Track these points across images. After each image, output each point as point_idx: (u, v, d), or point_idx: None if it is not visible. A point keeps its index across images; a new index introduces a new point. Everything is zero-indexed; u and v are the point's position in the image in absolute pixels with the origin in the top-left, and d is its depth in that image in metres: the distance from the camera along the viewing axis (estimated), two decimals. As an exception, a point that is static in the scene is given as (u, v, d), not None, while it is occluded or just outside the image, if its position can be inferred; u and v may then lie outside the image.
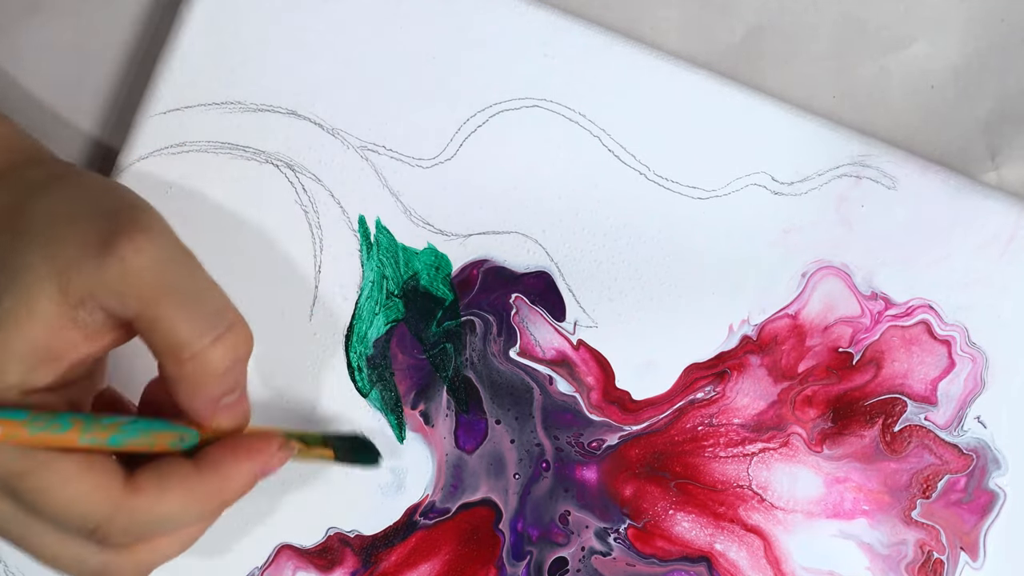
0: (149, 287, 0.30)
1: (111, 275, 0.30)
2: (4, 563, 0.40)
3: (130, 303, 0.30)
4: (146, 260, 0.30)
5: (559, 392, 0.40)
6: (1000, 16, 0.41)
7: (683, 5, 0.41)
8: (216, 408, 0.32)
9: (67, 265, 0.30)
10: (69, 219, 0.31)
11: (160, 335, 0.31)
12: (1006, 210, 0.40)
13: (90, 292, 0.30)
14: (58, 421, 0.30)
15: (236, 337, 0.32)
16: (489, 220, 0.40)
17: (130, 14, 0.41)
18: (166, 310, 0.31)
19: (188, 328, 0.31)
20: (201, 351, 0.31)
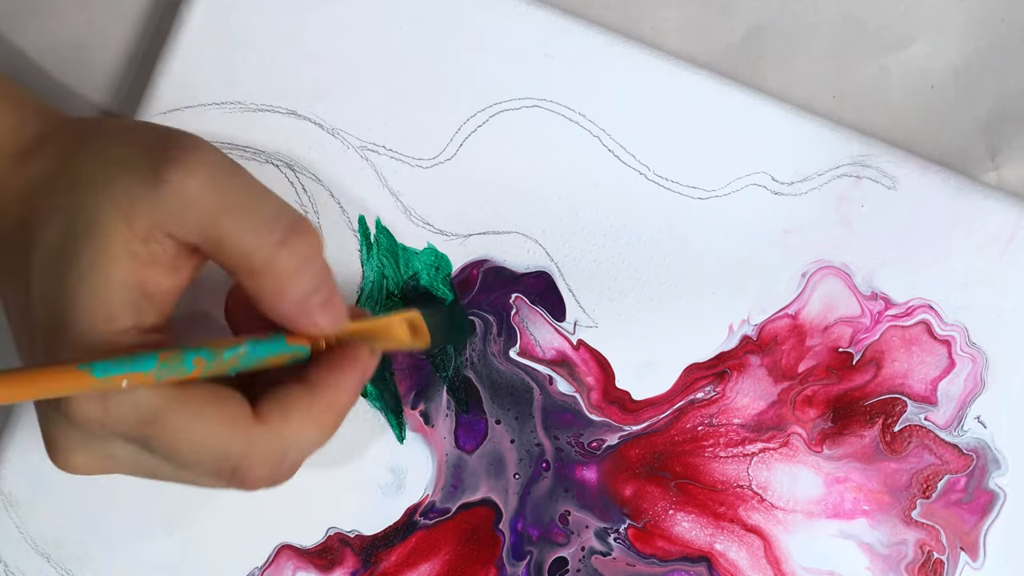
0: (206, 208, 0.31)
1: (170, 203, 0.31)
2: (4, 563, 0.40)
3: (192, 227, 0.31)
4: (198, 182, 0.31)
5: (559, 392, 0.40)
6: (1000, 16, 0.41)
7: (683, 5, 0.41)
8: (305, 311, 0.32)
9: (128, 203, 0.31)
10: (119, 160, 0.32)
11: (227, 252, 0.31)
12: (1006, 210, 0.40)
13: (155, 224, 0.31)
14: (182, 364, 0.30)
15: (301, 236, 0.32)
16: (489, 220, 0.40)
17: (130, 14, 0.41)
18: (226, 226, 0.31)
19: (251, 238, 0.31)
20: (271, 256, 0.31)
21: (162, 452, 0.31)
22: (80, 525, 0.40)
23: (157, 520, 0.40)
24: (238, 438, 0.31)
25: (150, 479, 0.33)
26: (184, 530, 0.40)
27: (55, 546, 0.40)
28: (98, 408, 0.30)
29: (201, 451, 0.31)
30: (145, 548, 0.40)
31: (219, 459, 0.31)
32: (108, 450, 0.32)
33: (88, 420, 0.30)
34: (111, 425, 0.30)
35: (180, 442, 0.31)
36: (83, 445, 0.32)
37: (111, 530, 0.40)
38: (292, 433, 0.32)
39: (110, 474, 0.33)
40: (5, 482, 0.40)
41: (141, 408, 0.30)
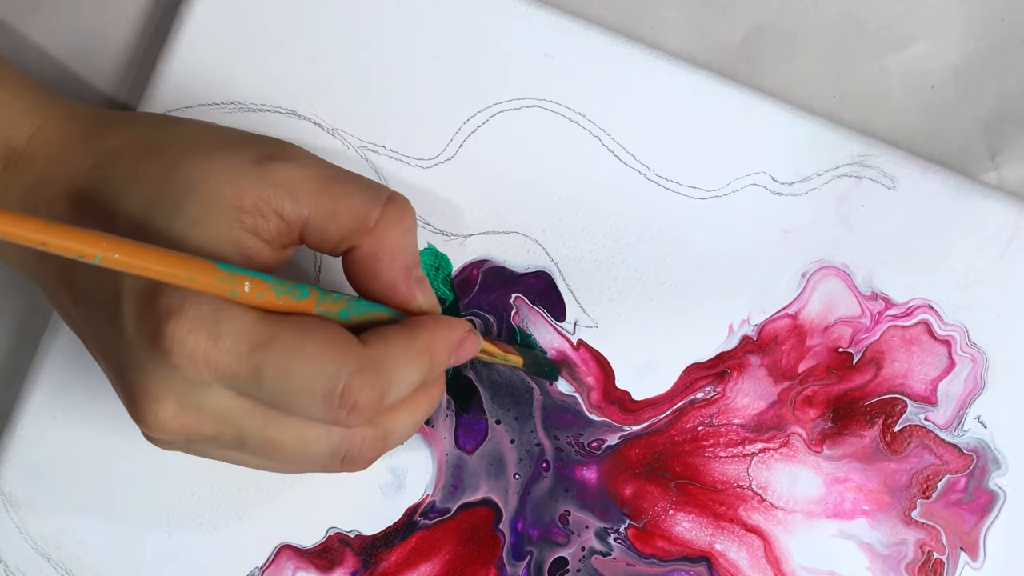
0: (314, 180, 0.32)
1: (278, 179, 0.32)
2: (4, 563, 0.40)
3: (303, 198, 0.32)
4: (301, 163, 0.32)
5: (559, 392, 0.40)
6: (1000, 16, 0.41)
7: (683, 5, 0.41)
8: (412, 280, 0.33)
9: (234, 174, 0.31)
10: (219, 144, 0.33)
11: (342, 213, 0.32)
12: (1006, 210, 0.40)
13: (263, 197, 0.31)
14: (298, 287, 0.31)
15: (402, 198, 0.33)
16: (489, 220, 0.40)
17: (130, 14, 0.41)
18: (337, 191, 0.32)
19: (363, 198, 0.32)
20: (383, 213, 0.32)
21: (271, 378, 0.30)
22: (80, 525, 0.40)
23: (157, 520, 0.40)
24: (347, 356, 0.30)
25: (231, 450, 0.32)
26: (184, 530, 0.40)
27: (55, 546, 0.40)
28: (210, 340, 0.29)
29: (313, 371, 0.30)
30: (145, 548, 0.40)
31: (331, 378, 0.30)
32: (202, 400, 0.31)
33: (196, 356, 0.29)
34: (220, 359, 0.29)
35: (293, 363, 0.30)
36: (178, 394, 0.30)
37: (111, 531, 0.40)
38: (394, 361, 0.32)
39: (189, 439, 0.32)
40: (5, 482, 0.40)
41: (253, 332, 0.30)
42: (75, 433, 0.40)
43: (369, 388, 0.31)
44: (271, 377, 0.30)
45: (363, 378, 0.30)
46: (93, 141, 0.34)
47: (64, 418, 0.40)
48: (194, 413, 0.31)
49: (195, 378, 0.30)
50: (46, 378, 0.40)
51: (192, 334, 0.29)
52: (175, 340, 0.29)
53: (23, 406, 0.40)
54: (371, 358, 0.31)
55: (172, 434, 0.31)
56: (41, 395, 0.40)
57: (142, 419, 0.31)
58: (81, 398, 0.40)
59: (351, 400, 0.30)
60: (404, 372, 0.32)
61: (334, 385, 0.30)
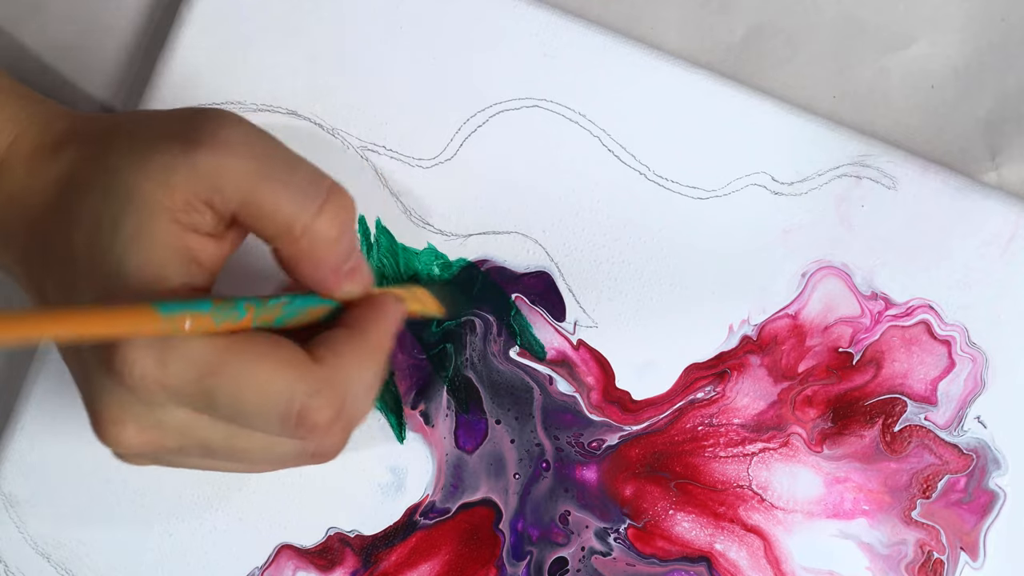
0: (242, 174, 0.31)
1: (205, 169, 0.31)
2: (4, 563, 0.40)
3: (229, 193, 0.31)
4: (232, 150, 0.31)
5: (559, 392, 0.40)
6: (1000, 16, 0.41)
7: (683, 5, 0.41)
8: (340, 276, 0.32)
9: (165, 174, 0.31)
10: (152, 138, 0.32)
11: (267, 219, 0.31)
12: (1006, 210, 0.40)
13: (192, 192, 0.31)
14: (235, 309, 0.30)
15: (339, 201, 0.32)
16: (489, 220, 0.40)
17: (130, 14, 0.41)
18: (265, 193, 0.31)
19: (291, 205, 0.31)
20: (311, 222, 0.31)
21: (224, 403, 0.30)
22: (80, 525, 0.40)
23: (157, 520, 0.40)
24: (301, 378, 0.30)
25: (199, 458, 0.33)
26: (184, 530, 0.40)
27: (55, 546, 0.40)
28: (158, 367, 0.29)
29: (266, 396, 0.30)
30: (145, 548, 0.40)
31: (285, 402, 0.30)
32: (161, 418, 0.31)
33: (147, 379, 0.29)
34: (171, 383, 0.30)
35: (244, 389, 0.30)
36: (135, 415, 0.31)
37: (111, 530, 0.40)
38: (348, 371, 0.32)
39: (158, 458, 0.32)
40: (5, 482, 0.40)
41: (201, 360, 0.30)
42: (75, 433, 0.40)
43: (327, 408, 0.31)
44: (224, 403, 0.30)
45: (320, 399, 0.31)
46: (60, 152, 0.34)
47: (64, 418, 0.40)
48: (156, 431, 0.31)
49: (151, 400, 0.30)
50: (46, 378, 0.40)
51: (140, 360, 0.29)
52: (125, 364, 0.29)
53: (23, 406, 0.40)
54: (325, 377, 0.31)
55: (136, 452, 0.32)
56: (41, 395, 0.40)
57: (105, 440, 0.32)
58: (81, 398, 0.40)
59: (309, 421, 0.31)
60: (359, 379, 0.32)
61: (288, 409, 0.30)
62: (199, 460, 0.33)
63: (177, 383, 0.30)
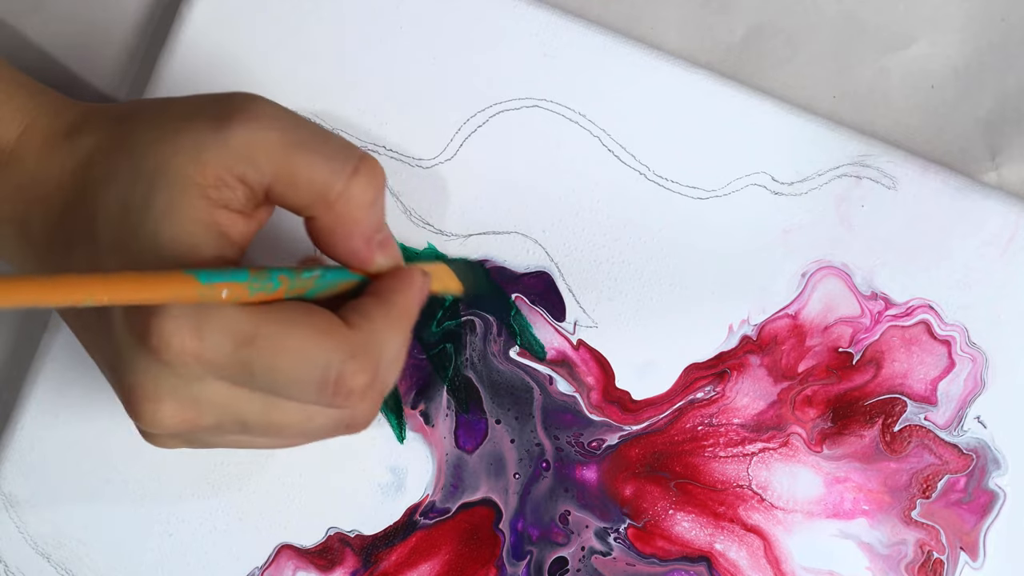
0: (276, 145, 0.31)
1: (238, 144, 0.31)
2: (4, 563, 0.40)
3: (264, 165, 0.31)
4: (264, 124, 0.31)
5: (559, 392, 0.40)
6: (1000, 16, 0.41)
7: (683, 5, 0.41)
8: (372, 246, 0.33)
9: (196, 151, 0.31)
10: (180, 117, 0.32)
11: (303, 185, 0.31)
12: (1006, 210, 0.40)
13: (225, 167, 0.31)
14: (270, 280, 0.30)
15: (371, 166, 0.32)
16: (489, 220, 0.40)
17: (130, 14, 0.41)
18: (299, 161, 0.31)
19: (327, 169, 0.31)
20: (346, 187, 0.31)
21: (262, 372, 0.30)
22: (80, 525, 0.40)
23: (157, 520, 0.40)
24: (336, 344, 0.30)
25: (235, 434, 0.32)
26: (184, 530, 0.40)
27: (55, 546, 0.40)
28: (194, 339, 0.29)
29: (303, 363, 0.30)
30: (145, 548, 0.40)
31: (322, 368, 0.30)
32: (198, 393, 0.31)
33: (184, 352, 0.29)
34: (208, 355, 0.29)
35: (281, 357, 0.30)
36: (172, 390, 0.30)
37: (111, 530, 0.40)
38: (381, 336, 0.32)
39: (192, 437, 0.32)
40: (5, 482, 0.40)
41: (237, 329, 0.29)
42: (75, 433, 0.40)
43: (362, 373, 0.31)
44: (261, 371, 0.30)
45: (355, 364, 0.31)
46: (75, 139, 0.34)
47: (64, 418, 0.40)
48: (192, 407, 0.31)
49: (187, 373, 0.30)
50: (46, 378, 0.40)
51: (177, 333, 0.29)
52: (162, 338, 0.29)
53: (23, 406, 0.40)
54: (360, 342, 0.31)
55: (173, 430, 0.31)
56: (41, 395, 0.40)
57: (141, 418, 0.31)
58: (81, 398, 0.40)
59: (346, 387, 0.31)
60: (391, 345, 0.32)
61: (325, 375, 0.30)
62: (234, 437, 0.33)
63: (214, 354, 0.29)
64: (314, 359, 0.30)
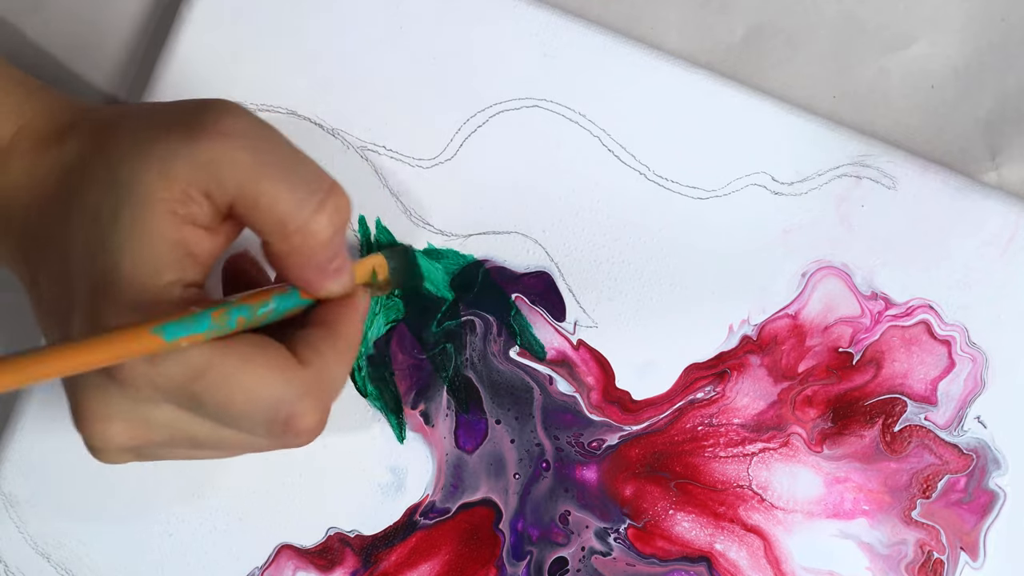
0: (243, 165, 0.31)
1: (205, 159, 0.31)
2: (4, 563, 0.40)
3: (229, 186, 0.31)
4: (234, 141, 0.31)
5: (559, 392, 0.40)
6: (1000, 16, 0.41)
7: (683, 5, 0.41)
8: (326, 276, 0.33)
9: (165, 163, 0.31)
10: (154, 126, 0.32)
11: (263, 212, 0.31)
12: (1006, 210, 0.40)
13: (192, 182, 0.31)
14: (228, 324, 0.30)
15: (336, 202, 0.32)
16: (489, 220, 0.40)
17: (130, 14, 0.41)
18: (264, 185, 0.31)
19: (289, 201, 0.31)
20: (305, 222, 0.31)
21: (212, 406, 0.30)
22: (80, 525, 0.40)
23: (157, 520, 0.40)
24: (288, 383, 0.31)
25: (185, 449, 0.33)
26: (184, 529, 0.40)
27: (55, 546, 0.40)
28: (148, 367, 0.29)
29: (254, 400, 0.30)
30: (145, 548, 0.40)
31: (273, 406, 0.31)
32: (148, 415, 0.31)
33: (137, 377, 0.29)
34: (161, 383, 0.30)
35: (232, 393, 0.30)
36: (122, 411, 0.31)
37: (111, 530, 0.40)
38: (330, 372, 0.32)
39: (141, 454, 0.32)
40: (5, 482, 0.40)
41: (190, 364, 0.30)
42: (75, 433, 0.40)
43: (313, 412, 0.31)
44: (212, 406, 0.30)
45: (306, 404, 0.31)
46: (63, 144, 0.34)
47: (64, 418, 0.40)
48: (143, 427, 0.31)
49: (139, 396, 0.30)
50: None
51: (134, 361, 0.29)
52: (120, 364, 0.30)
53: (23, 406, 0.40)
54: (311, 380, 0.31)
55: (122, 446, 0.32)
56: (41, 395, 0.40)
57: (90, 436, 0.32)
58: (81, 398, 0.40)
59: (296, 427, 0.31)
60: (341, 376, 0.33)
61: (275, 415, 0.31)
62: (184, 451, 0.33)
63: (167, 383, 0.30)
64: (266, 398, 0.30)
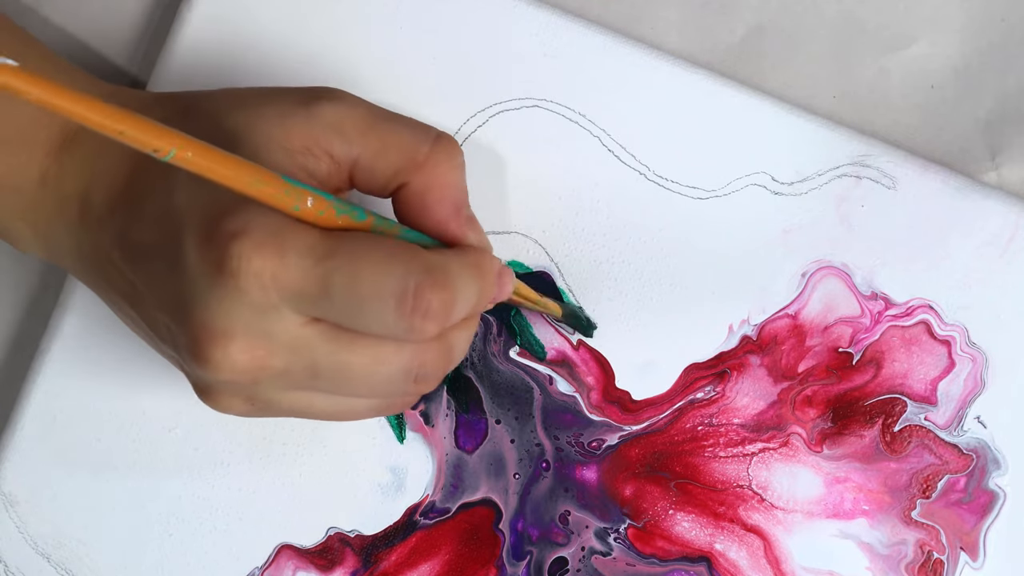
0: (363, 117, 0.32)
1: (327, 117, 0.32)
2: (4, 563, 0.40)
3: (353, 137, 0.32)
4: (350, 102, 0.32)
5: (559, 392, 0.40)
6: (1000, 16, 0.41)
7: (683, 5, 0.41)
8: (462, 218, 0.33)
9: (282, 120, 0.31)
10: (261, 97, 0.33)
11: (392, 151, 0.32)
12: (1006, 210, 0.40)
13: (312, 137, 0.31)
14: (356, 211, 0.31)
15: (450, 138, 0.33)
16: (489, 220, 0.40)
17: (130, 14, 0.41)
18: (387, 128, 0.32)
19: (412, 136, 0.32)
20: (432, 149, 0.32)
21: (341, 289, 0.29)
22: (80, 525, 0.40)
23: (157, 520, 0.40)
24: (416, 261, 0.30)
25: (303, 377, 0.31)
26: (184, 530, 0.40)
27: (55, 546, 0.40)
28: (275, 256, 0.29)
29: (382, 276, 0.29)
30: (145, 548, 0.40)
31: (401, 281, 0.30)
32: (271, 326, 0.30)
33: (264, 274, 0.29)
34: (288, 276, 0.29)
35: (361, 271, 0.29)
36: (245, 324, 0.30)
37: (111, 530, 0.40)
38: (457, 271, 0.31)
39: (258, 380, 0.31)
40: (5, 482, 0.40)
41: (317, 247, 0.29)
42: (75, 433, 0.40)
43: (440, 289, 0.30)
44: (340, 286, 0.29)
45: (433, 279, 0.30)
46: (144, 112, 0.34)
47: (64, 418, 0.40)
48: (264, 344, 0.30)
49: (263, 303, 0.29)
50: (46, 378, 0.40)
51: (258, 252, 0.29)
52: (241, 260, 0.29)
53: (23, 406, 0.40)
54: (438, 263, 0.31)
55: (241, 372, 0.30)
56: (41, 395, 0.40)
57: (209, 360, 0.30)
58: (81, 399, 0.40)
59: (424, 303, 0.30)
60: (465, 283, 0.32)
61: (405, 287, 0.30)
62: (299, 394, 0.32)
63: (295, 275, 0.29)
64: (393, 271, 0.30)
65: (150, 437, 0.40)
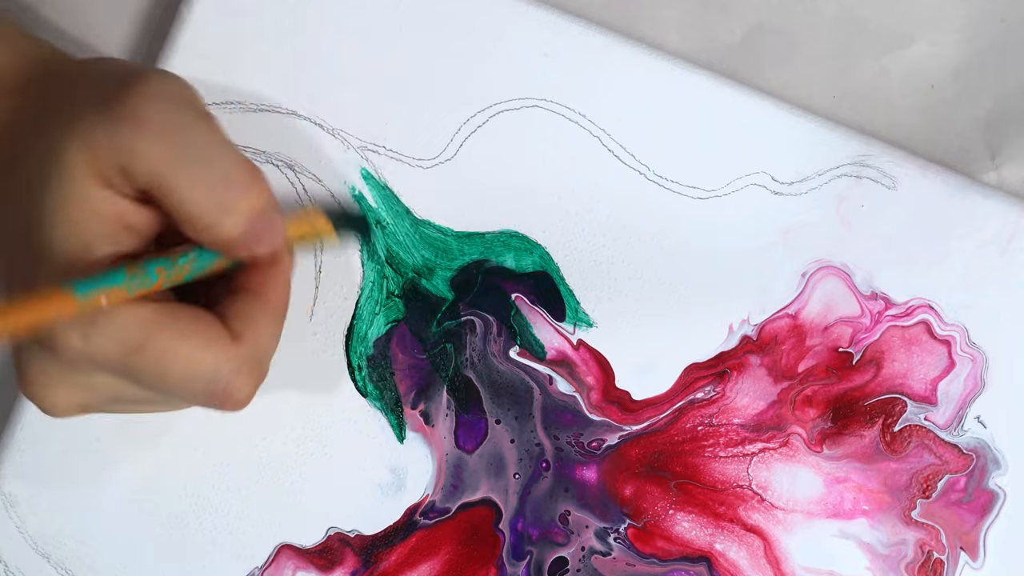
0: (155, 158, 0.30)
1: (120, 144, 0.30)
2: (4, 563, 0.40)
3: (139, 173, 0.31)
4: (149, 129, 0.31)
5: (559, 392, 0.40)
6: (1000, 16, 0.41)
7: (683, 5, 0.41)
8: (249, 247, 0.32)
9: (90, 138, 0.30)
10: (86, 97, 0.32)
11: (173, 206, 0.31)
12: (1006, 210, 0.40)
13: (112, 158, 0.30)
14: (147, 276, 0.31)
15: (249, 200, 0.31)
16: (489, 220, 0.40)
17: (130, 14, 0.41)
18: (175, 181, 0.31)
19: (199, 200, 0.31)
20: (215, 222, 0.31)
21: (149, 379, 0.31)
22: (80, 525, 0.40)
23: (157, 520, 0.40)
24: (224, 359, 0.31)
25: (126, 411, 0.34)
26: (184, 530, 0.40)
27: (55, 546, 0.40)
28: (82, 341, 0.30)
29: (190, 377, 0.31)
30: (145, 548, 0.40)
31: (210, 381, 0.31)
32: (88, 382, 0.32)
33: (72, 352, 0.30)
34: (97, 358, 0.30)
35: (168, 368, 0.31)
36: (63, 379, 0.32)
37: (111, 530, 0.40)
38: (263, 343, 0.33)
39: (87, 411, 0.33)
40: (5, 482, 0.40)
41: (124, 339, 0.30)
42: (75, 433, 0.40)
43: (247, 385, 0.32)
44: (149, 379, 0.31)
45: (242, 378, 0.32)
46: (22, 95, 0.34)
47: (64, 418, 0.40)
48: (85, 391, 0.32)
49: (77, 368, 0.31)
50: (46, 378, 0.40)
51: (64, 335, 0.30)
52: (51, 337, 0.30)
53: (23, 406, 0.40)
54: (246, 355, 0.32)
55: (67, 409, 0.33)
56: (41, 395, 0.40)
57: (37, 401, 0.32)
58: (81, 398, 0.40)
59: (233, 399, 0.32)
60: (274, 342, 0.33)
61: (213, 387, 0.31)
62: (130, 407, 0.34)
63: (103, 358, 0.30)
64: (202, 372, 0.31)
65: (150, 437, 0.40)
